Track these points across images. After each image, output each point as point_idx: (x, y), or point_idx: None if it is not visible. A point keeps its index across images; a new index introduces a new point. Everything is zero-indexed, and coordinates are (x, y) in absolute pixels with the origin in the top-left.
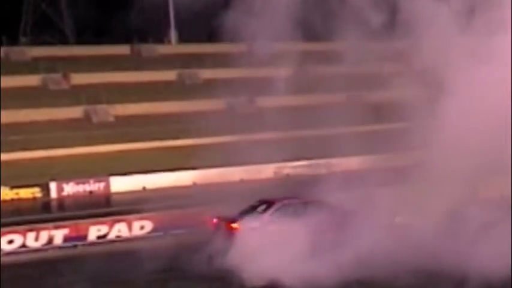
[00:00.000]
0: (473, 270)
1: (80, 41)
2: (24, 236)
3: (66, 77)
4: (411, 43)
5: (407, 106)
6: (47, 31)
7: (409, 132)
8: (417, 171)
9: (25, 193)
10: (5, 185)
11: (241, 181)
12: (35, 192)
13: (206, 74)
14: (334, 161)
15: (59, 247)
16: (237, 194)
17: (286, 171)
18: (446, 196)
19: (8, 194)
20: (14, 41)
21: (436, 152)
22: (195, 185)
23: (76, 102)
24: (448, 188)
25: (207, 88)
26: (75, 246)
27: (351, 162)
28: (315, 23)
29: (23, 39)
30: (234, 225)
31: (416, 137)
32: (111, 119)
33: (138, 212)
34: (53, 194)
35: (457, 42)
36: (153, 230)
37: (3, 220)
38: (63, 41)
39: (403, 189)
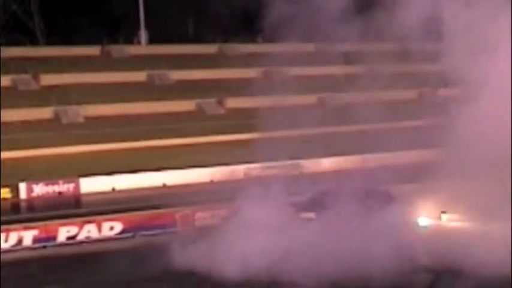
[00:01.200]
0: None
1: (50, 41)
2: None
3: (36, 77)
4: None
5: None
6: (17, 32)
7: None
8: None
9: None
10: None
11: (212, 182)
12: (5, 193)
13: (176, 75)
14: (304, 162)
15: (29, 248)
16: (207, 194)
17: (256, 172)
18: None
19: None
20: None
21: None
22: (165, 186)
23: (46, 103)
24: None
25: (177, 89)
26: (44, 247)
27: (323, 163)
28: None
29: None
30: None
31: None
32: (81, 119)
33: (107, 213)
34: (23, 195)
35: (483, 39)
36: (123, 231)
37: None
38: (34, 42)
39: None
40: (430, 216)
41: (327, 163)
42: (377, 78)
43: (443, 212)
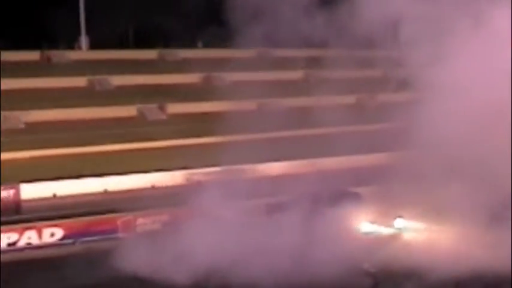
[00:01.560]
0: None
1: None
2: None
3: None
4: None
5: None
6: None
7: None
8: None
9: None
10: None
11: (153, 188)
12: None
13: (117, 80)
14: (246, 167)
15: None
16: (149, 200)
17: (197, 177)
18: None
19: None
20: None
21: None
22: (106, 192)
23: None
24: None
25: (118, 94)
26: None
27: (268, 168)
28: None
29: None
30: None
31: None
32: (22, 125)
33: (48, 219)
34: None
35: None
36: (64, 237)
37: None
38: None
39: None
40: (382, 221)
41: (270, 168)
42: (318, 83)
43: (398, 217)
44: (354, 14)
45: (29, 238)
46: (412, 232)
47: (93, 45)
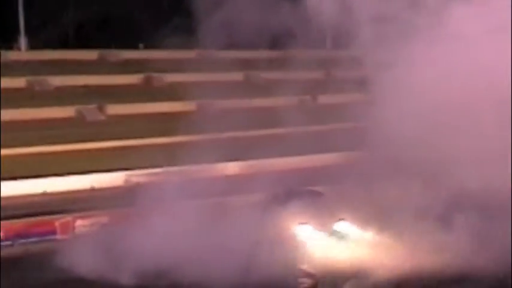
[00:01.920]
0: None
1: None
2: None
3: None
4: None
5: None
6: None
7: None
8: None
9: None
10: None
11: (92, 189)
12: None
13: (56, 81)
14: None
15: None
16: (88, 201)
17: (136, 179)
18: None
19: None
20: None
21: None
22: (45, 193)
23: None
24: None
25: (57, 95)
26: None
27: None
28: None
29: None
30: None
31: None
32: None
33: None
34: None
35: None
36: (3, 239)
37: None
38: None
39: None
40: (324, 223)
41: (211, 169)
42: (258, 84)
43: (340, 219)
44: (301, 15)
45: None
46: (353, 234)
47: (33, 46)
